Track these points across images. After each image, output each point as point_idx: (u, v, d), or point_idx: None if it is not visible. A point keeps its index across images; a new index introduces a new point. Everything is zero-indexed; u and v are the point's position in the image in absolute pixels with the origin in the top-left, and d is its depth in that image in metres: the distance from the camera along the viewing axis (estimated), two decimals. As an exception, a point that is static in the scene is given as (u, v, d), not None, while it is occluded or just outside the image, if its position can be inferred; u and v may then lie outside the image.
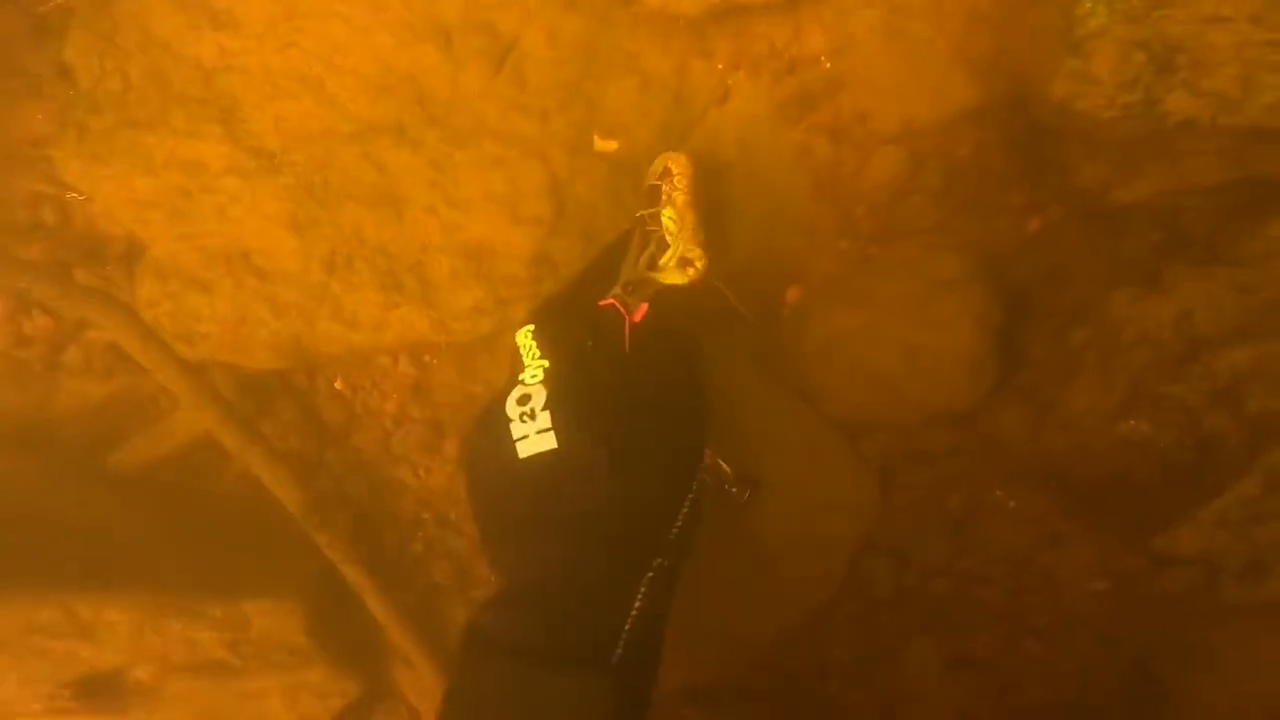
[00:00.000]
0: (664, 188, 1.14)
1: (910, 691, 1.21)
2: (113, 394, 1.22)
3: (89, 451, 1.21)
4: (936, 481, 1.27)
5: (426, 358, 1.27)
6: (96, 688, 1.00)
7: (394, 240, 1.10)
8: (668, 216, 1.11)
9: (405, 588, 1.29)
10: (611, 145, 1.23)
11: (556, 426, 0.79)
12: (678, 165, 1.15)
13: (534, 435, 0.78)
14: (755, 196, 1.33)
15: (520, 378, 0.84)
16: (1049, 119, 1.05)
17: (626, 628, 0.74)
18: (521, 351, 0.87)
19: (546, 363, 0.84)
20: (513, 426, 0.80)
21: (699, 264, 1.10)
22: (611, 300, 0.97)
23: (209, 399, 1.08)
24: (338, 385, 1.27)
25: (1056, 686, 1.16)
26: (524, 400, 0.81)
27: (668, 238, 1.12)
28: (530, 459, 0.78)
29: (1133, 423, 1.08)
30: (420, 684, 1.29)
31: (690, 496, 0.85)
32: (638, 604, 0.75)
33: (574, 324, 0.92)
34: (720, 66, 1.27)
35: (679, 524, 0.83)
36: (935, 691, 1.20)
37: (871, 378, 1.20)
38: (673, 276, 1.10)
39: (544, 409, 0.79)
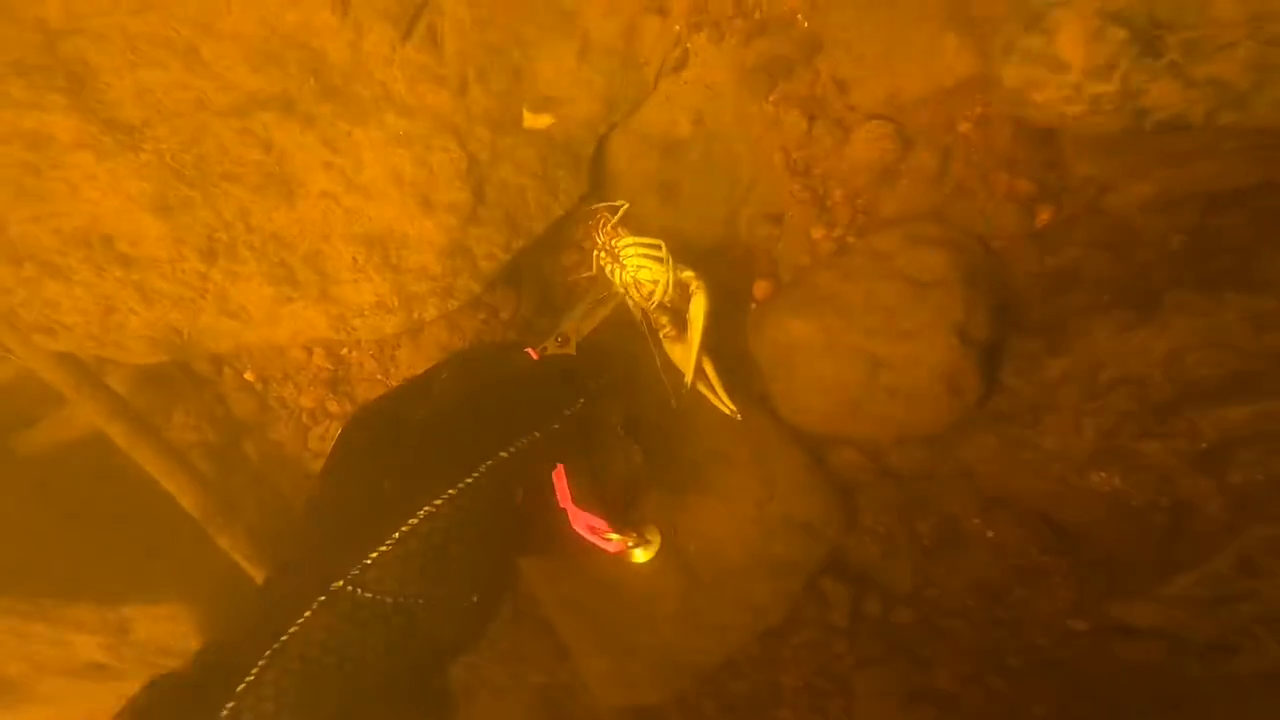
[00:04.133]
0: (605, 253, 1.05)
1: (867, 723, 1.10)
2: (18, 374, 1.14)
3: (-6, 434, 1.15)
4: (908, 504, 1.15)
5: (344, 350, 1.16)
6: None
7: (286, 227, 0.98)
8: (637, 267, 1.03)
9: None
10: (545, 120, 1.07)
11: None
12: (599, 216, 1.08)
13: None
14: (716, 178, 1.16)
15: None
16: (1009, 110, 0.84)
17: (267, 653, 0.69)
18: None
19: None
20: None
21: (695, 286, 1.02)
22: (532, 350, 0.92)
23: (91, 392, 0.99)
24: (248, 376, 1.17)
25: None
26: None
27: (669, 278, 1.02)
28: None
29: (1104, 475, 0.93)
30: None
31: (405, 530, 0.75)
32: (292, 630, 0.70)
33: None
34: (677, 27, 1.09)
35: (377, 554, 0.74)
36: (894, 724, 1.08)
37: (833, 391, 1.06)
38: (698, 306, 1.02)
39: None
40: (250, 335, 0.99)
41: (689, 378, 1.04)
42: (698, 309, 1.02)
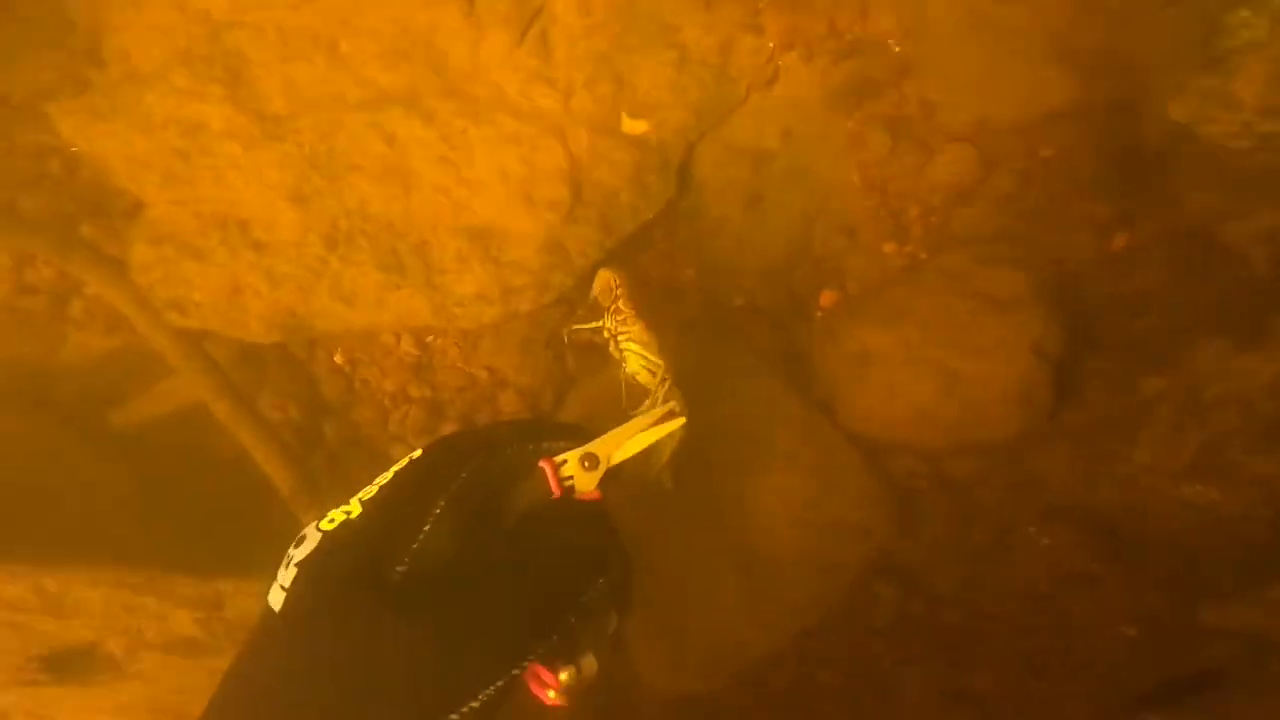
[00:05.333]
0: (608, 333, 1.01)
1: (904, 720, 1.13)
2: (116, 349, 1.19)
3: (90, 406, 1.19)
4: (962, 511, 1.17)
5: (430, 338, 1.21)
6: (66, 660, 1.00)
7: (400, 218, 1.03)
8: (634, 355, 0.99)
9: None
10: (641, 126, 1.12)
11: (291, 587, 0.60)
12: (609, 284, 1.02)
13: (275, 586, 0.59)
14: (796, 189, 1.21)
15: (330, 511, 0.63)
16: (1159, 140, 0.90)
17: None
18: (375, 480, 0.65)
19: (357, 510, 0.63)
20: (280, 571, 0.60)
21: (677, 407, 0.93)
22: (548, 463, 0.69)
23: (202, 369, 1.04)
24: (337, 359, 1.22)
25: None
26: (299, 541, 0.61)
27: (646, 384, 0.99)
28: (264, 609, 0.60)
29: (1200, 487, 0.96)
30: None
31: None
32: None
33: (464, 462, 0.65)
34: (771, 45, 1.14)
35: None
36: (930, 722, 1.12)
37: (902, 401, 1.10)
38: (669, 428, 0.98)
39: (297, 564, 0.60)
40: (357, 319, 1.04)
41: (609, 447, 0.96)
42: (661, 432, 1.01)
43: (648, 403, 1.00)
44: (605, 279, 1.05)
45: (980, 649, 1.14)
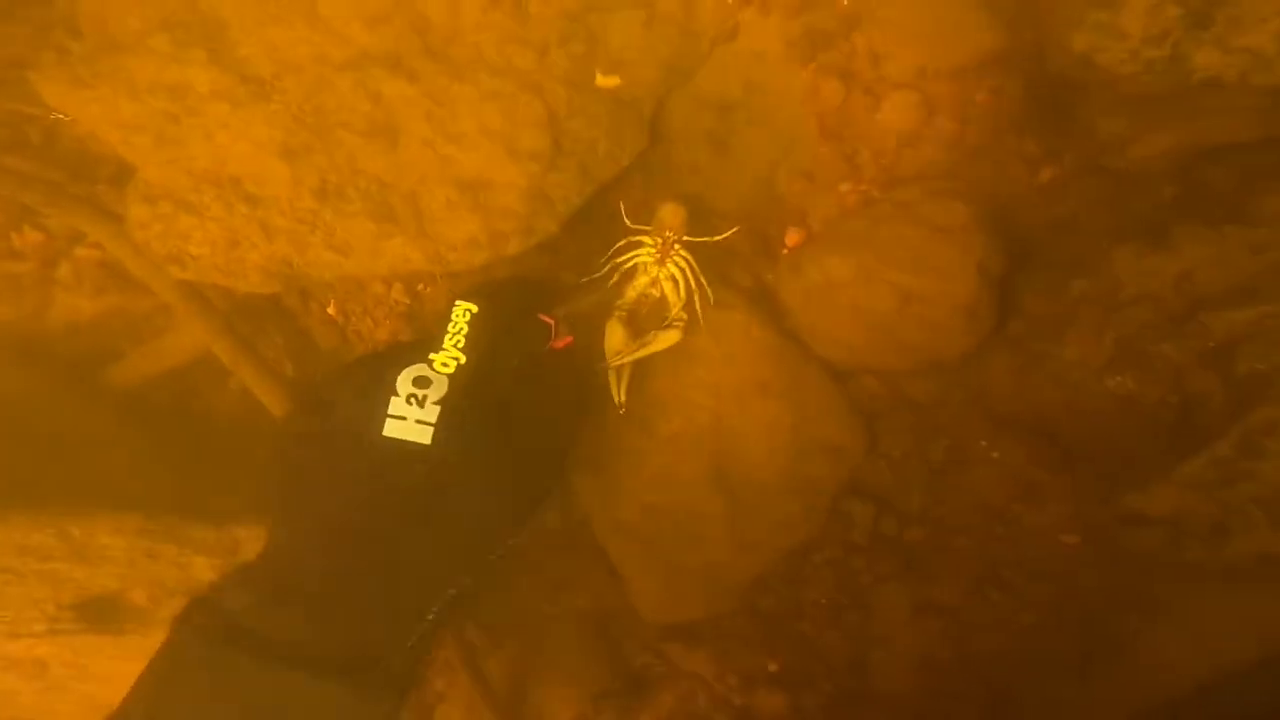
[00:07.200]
0: (658, 240, 1.19)
1: (879, 635, 1.24)
2: (106, 310, 1.22)
3: (84, 367, 1.22)
4: (922, 429, 1.28)
5: (420, 286, 1.27)
6: (96, 609, 1.03)
7: (389, 171, 1.08)
8: (667, 276, 1.19)
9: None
10: (614, 81, 1.19)
11: (439, 426, 0.73)
12: (677, 218, 1.19)
13: (412, 422, 0.73)
14: (760, 136, 1.30)
15: (430, 356, 0.79)
16: (1068, 71, 1.02)
17: (410, 644, 0.68)
18: (449, 327, 0.83)
19: (463, 358, 0.79)
20: (394, 401, 0.74)
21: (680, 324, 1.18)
22: (551, 319, 0.98)
23: (200, 308, 1.08)
24: (330, 310, 1.27)
25: (1016, 636, 1.19)
26: (421, 383, 0.76)
27: (670, 295, 1.19)
28: (391, 441, 0.73)
29: (1120, 378, 1.08)
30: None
31: (522, 531, 0.81)
32: (430, 618, 0.70)
33: (510, 329, 0.89)
34: (730, 2, 1.23)
35: (498, 554, 0.78)
36: (902, 636, 1.23)
37: (864, 321, 1.20)
38: (667, 338, 1.17)
39: (436, 403, 0.74)
40: (352, 266, 1.09)
41: (609, 363, 1.18)
42: (665, 341, 1.17)
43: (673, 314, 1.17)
44: (678, 212, 1.20)
45: (946, 562, 1.23)
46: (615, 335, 1.18)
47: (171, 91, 1.03)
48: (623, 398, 1.19)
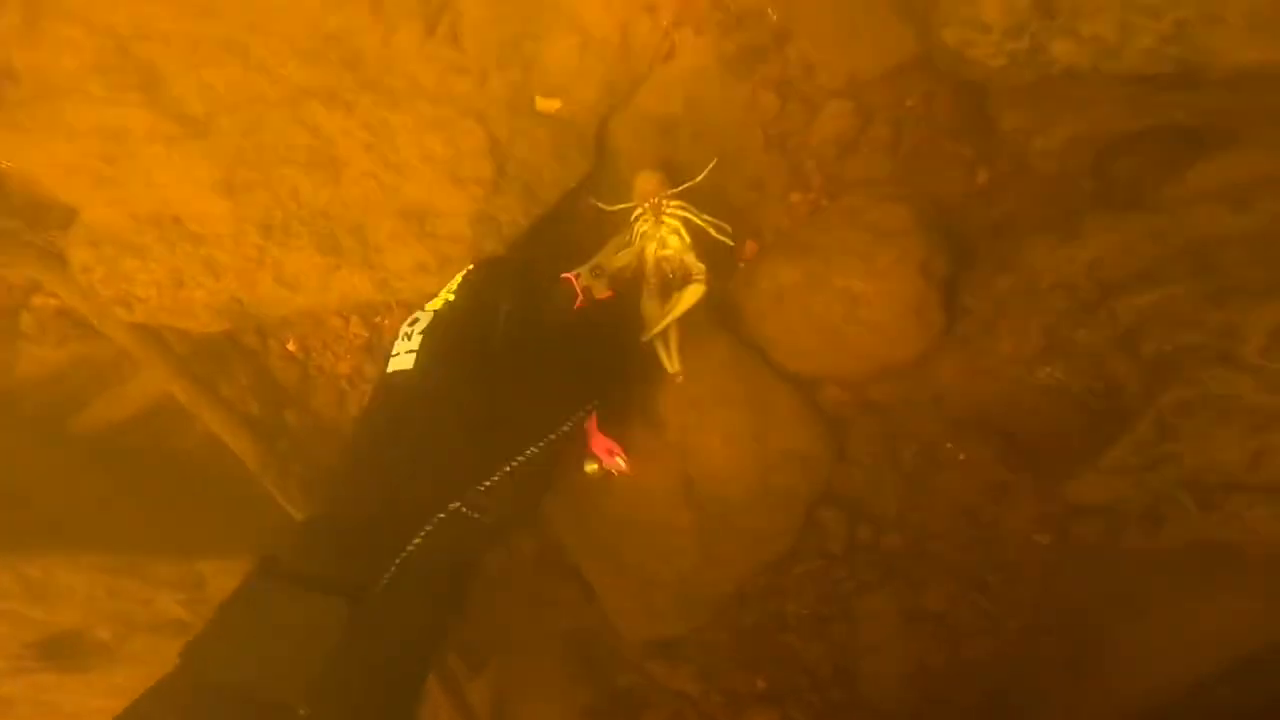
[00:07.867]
0: (645, 206, 1.19)
1: (867, 645, 1.23)
2: (70, 359, 1.23)
3: (51, 417, 1.23)
4: (889, 435, 1.28)
5: (377, 318, 1.28)
6: (59, 648, 1.03)
7: (333, 203, 1.10)
8: (671, 230, 1.19)
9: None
10: (554, 104, 1.22)
11: (420, 350, 0.80)
12: (653, 182, 1.20)
13: (403, 354, 0.80)
14: (706, 153, 1.32)
15: (426, 305, 0.87)
16: (955, 69, 1.03)
17: (395, 563, 0.70)
18: (450, 284, 0.90)
19: (452, 298, 0.86)
20: (395, 343, 0.83)
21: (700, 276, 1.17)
22: (571, 276, 1.02)
23: (156, 351, 1.10)
24: (290, 347, 1.28)
25: (1004, 640, 1.18)
26: (414, 322, 0.84)
27: (678, 246, 1.19)
28: (392, 374, 0.81)
29: (1049, 369, 1.08)
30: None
31: (517, 463, 0.81)
32: (416, 542, 0.72)
33: (510, 282, 0.93)
34: (665, 23, 1.26)
35: (491, 482, 0.78)
36: (891, 645, 1.22)
37: (816, 327, 1.21)
38: (692, 293, 1.17)
39: (421, 333, 0.81)
40: (302, 301, 1.11)
41: (650, 333, 1.16)
42: (691, 295, 1.16)
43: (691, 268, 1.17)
44: (652, 177, 1.20)
45: (928, 568, 1.23)
46: (650, 309, 1.17)
47: (109, 134, 1.05)
48: (677, 366, 1.17)
